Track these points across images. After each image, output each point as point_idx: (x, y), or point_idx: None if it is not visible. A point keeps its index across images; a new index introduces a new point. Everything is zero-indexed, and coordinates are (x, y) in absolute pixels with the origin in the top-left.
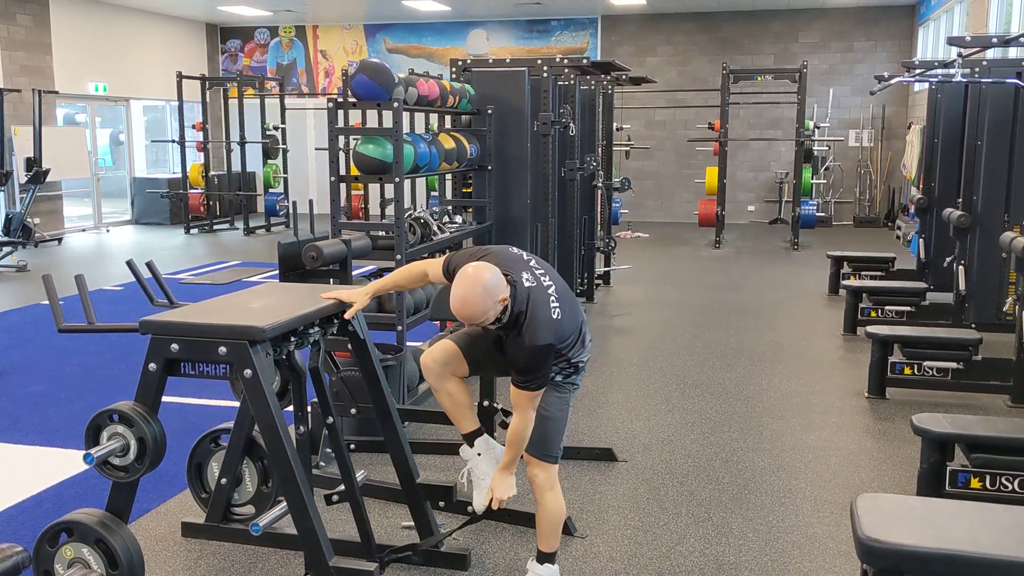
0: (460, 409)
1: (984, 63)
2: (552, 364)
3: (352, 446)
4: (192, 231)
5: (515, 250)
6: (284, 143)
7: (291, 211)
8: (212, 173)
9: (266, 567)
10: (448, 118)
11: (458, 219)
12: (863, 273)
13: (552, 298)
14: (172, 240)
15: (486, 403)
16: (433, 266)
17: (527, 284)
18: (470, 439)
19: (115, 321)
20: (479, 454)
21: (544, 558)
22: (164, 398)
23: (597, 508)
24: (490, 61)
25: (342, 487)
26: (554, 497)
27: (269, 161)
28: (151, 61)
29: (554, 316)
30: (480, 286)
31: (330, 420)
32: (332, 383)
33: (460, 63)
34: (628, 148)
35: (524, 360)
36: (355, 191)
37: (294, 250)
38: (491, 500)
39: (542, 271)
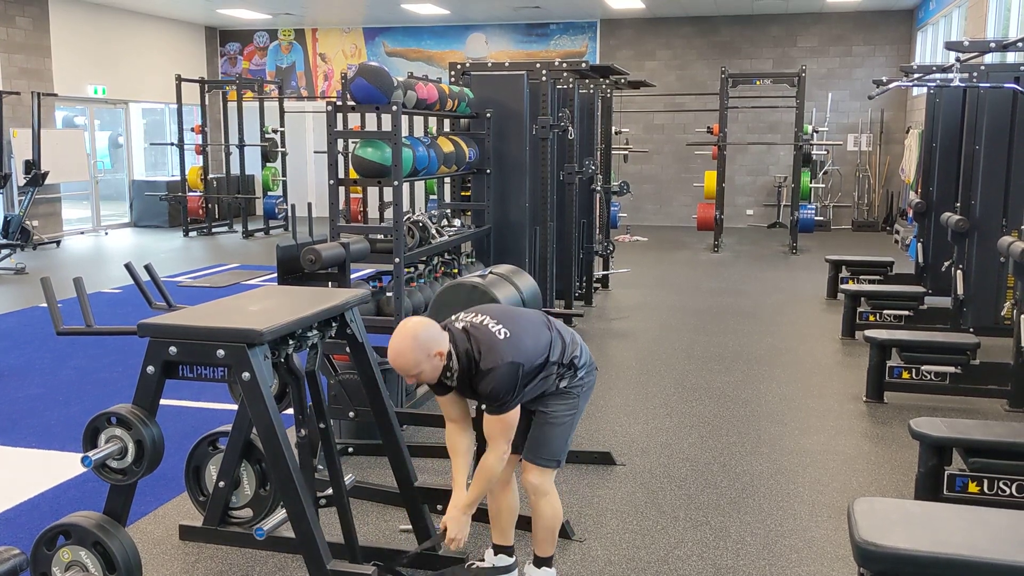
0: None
1: (982, 67)
2: (525, 385)
3: (350, 449)
4: (191, 234)
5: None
6: (283, 146)
7: (290, 214)
8: (211, 176)
9: (264, 570)
10: (447, 121)
11: (457, 222)
12: (861, 277)
13: (489, 324)
14: (171, 243)
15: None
16: (456, 413)
17: (459, 325)
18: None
19: (113, 324)
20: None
21: (541, 562)
22: (162, 401)
23: (595, 512)
24: (489, 65)
25: (329, 491)
26: (548, 503)
27: (268, 164)
28: (150, 64)
29: (501, 337)
30: (411, 338)
31: (322, 425)
32: (331, 386)
33: (459, 66)
34: (627, 152)
35: (491, 384)
36: (354, 194)
37: (293, 253)
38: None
39: (477, 312)
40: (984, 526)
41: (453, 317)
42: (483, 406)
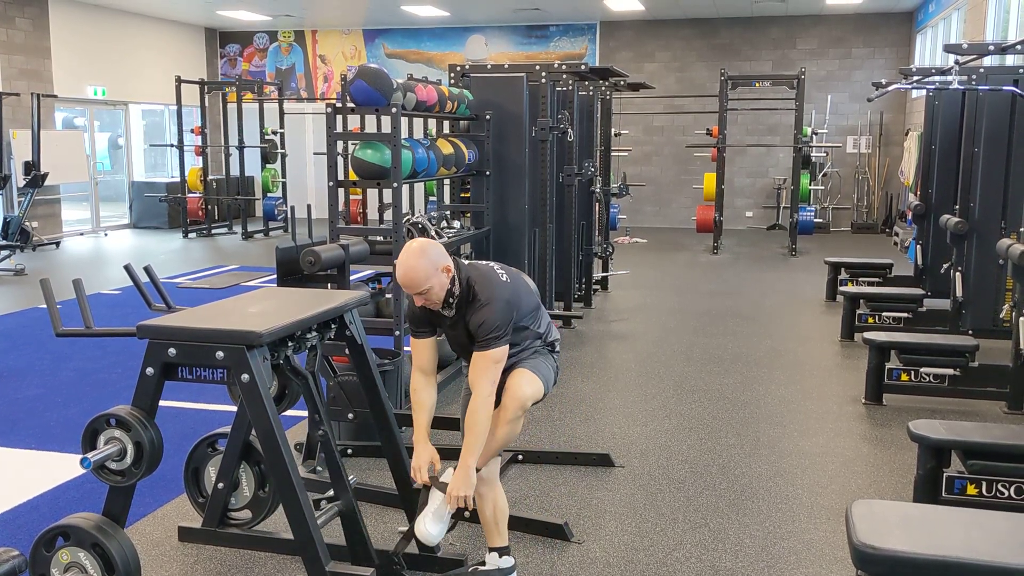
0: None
1: (981, 70)
2: (515, 325)
3: (349, 451)
4: (190, 235)
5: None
6: (283, 148)
7: (289, 216)
8: (210, 177)
9: (263, 571)
10: (446, 123)
11: (456, 224)
12: (860, 279)
13: (494, 266)
14: (170, 244)
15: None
16: (419, 355)
17: (465, 261)
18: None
19: (113, 325)
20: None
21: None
22: (161, 402)
23: (594, 514)
24: (488, 67)
25: (330, 491)
26: (511, 430)
27: (268, 165)
28: (150, 65)
29: (502, 278)
30: (420, 252)
31: (321, 431)
32: (330, 388)
33: (459, 68)
34: (626, 154)
35: (486, 315)
36: (353, 196)
37: (292, 255)
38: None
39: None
40: (983, 529)
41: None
42: (472, 345)
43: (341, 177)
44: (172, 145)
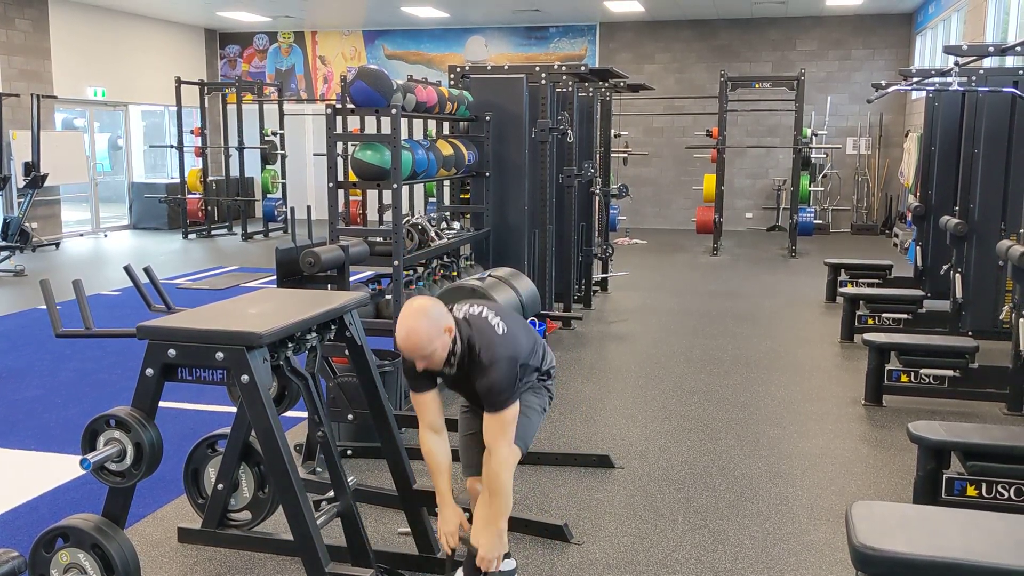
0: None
1: (981, 72)
2: (520, 379)
3: (349, 452)
4: (190, 236)
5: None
6: (282, 149)
7: (289, 217)
8: (210, 178)
9: (263, 572)
10: (446, 124)
11: (456, 225)
12: (860, 281)
13: (488, 316)
14: (170, 245)
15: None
16: (426, 413)
17: (463, 315)
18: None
19: (112, 326)
20: None
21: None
22: (161, 403)
23: (594, 515)
24: (488, 68)
25: (331, 493)
26: (508, 489)
27: (267, 167)
28: (150, 66)
29: (500, 332)
30: (422, 313)
31: (320, 432)
32: (329, 389)
33: (458, 69)
34: (626, 155)
35: (491, 378)
36: (353, 197)
37: (292, 256)
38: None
39: (475, 303)
40: (982, 530)
41: (450, 307)
42: (482, 408)
43: (341, 178)
44: (172, 146)
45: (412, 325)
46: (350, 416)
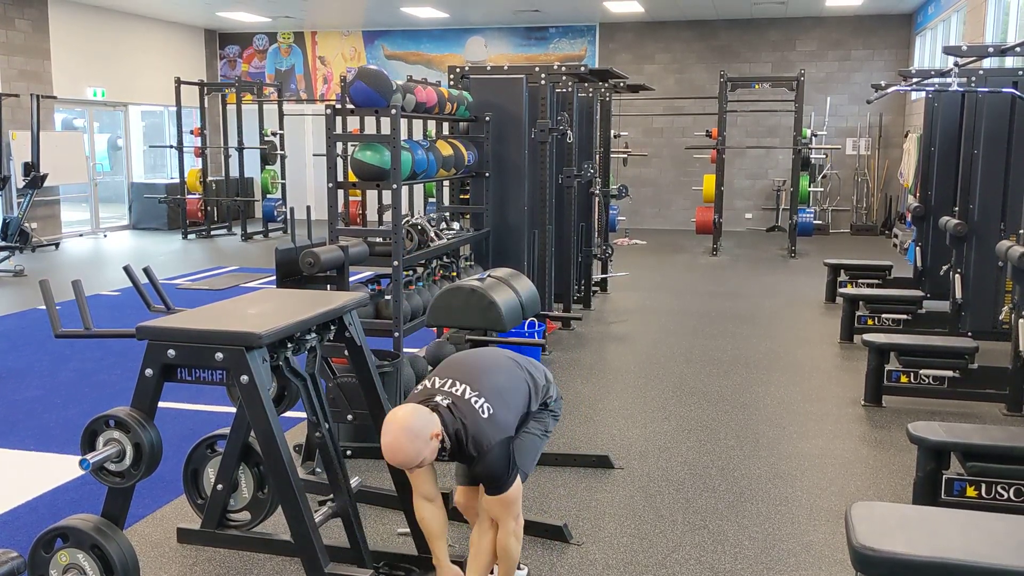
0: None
1: (980, 72)
2: (514, 457)
3: (348, 452)
4: (190, 236)
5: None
6: (282, 149)
7: (289, 217)
8: (210, 179)
9: (262, 573)
10: (446, 125)
11: (455, 225)
12: (860, 281)
13: (472, 400)
14: (169, 245)
15: None
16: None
17: (443, 402)
18: None
19: (112, 327)
20: None
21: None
22: (160, 403)
23: (593, 515)
24: (488, 68)
25: (331, 497)
26: (517, 534)
27: (267, 167)
28: (150, 66)
29: (485, 416)
30: (404, 431)
31: (318, 434)
32: (329, 389)
33: (458, 70)
34: (626, 155)
35: (485, 468)
36: (353, 197)
37: (291, 256)
38: None
39: (455, 381)
40: (982, 531)
41: (429, 385)
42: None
43: (340, 178)
44: (171, 146)
45: (395, 444)
46: (349, 416)
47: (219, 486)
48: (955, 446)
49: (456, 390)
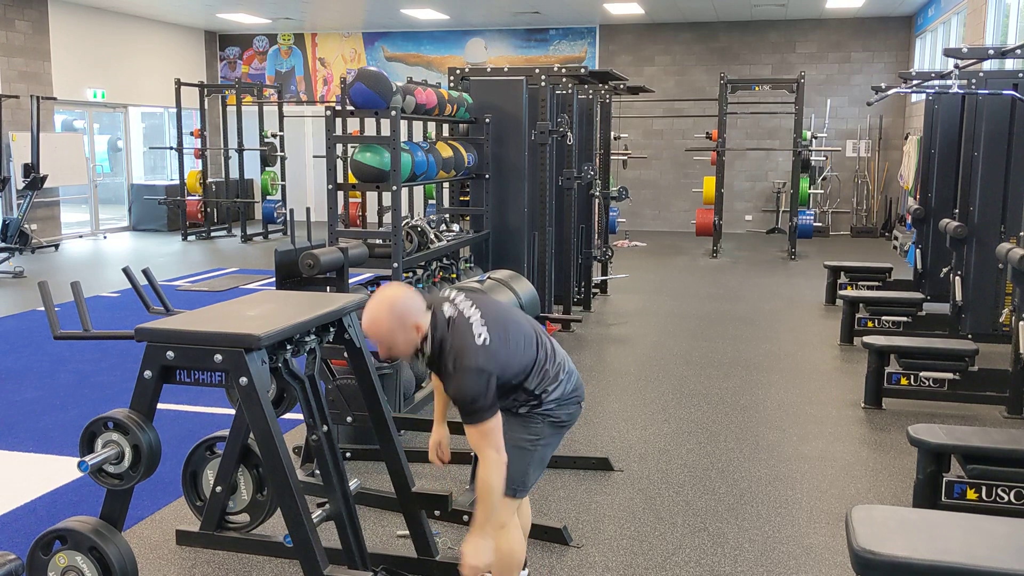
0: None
1: (980, 74)
2: (492, 393)
3: (348, 454)
4: (189, 238)
5: (464, 294)
6: (282, 151)
7: (288, 219)
8: (210, 180)
9: (260, 575)
10: (446, 126)
11: (455, 227)
12: (860, 283)
13: (476, 324)
14: (169, 247)
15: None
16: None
17: (447, 314)
18: None
19: (111, 328)
20: None
21: None
22: (159, 405)
23: (593, 518)
24: (488, 70)
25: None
26: (505, 537)
27: (267, 168)
28: (149, 68)
29: (478, 341)
30: (387, 306)
31: (314, 436)
32: (328, 391)
33: (458, 71)
34: (626, 157)
35: (455, 387)
36: (353, 199)
37: (291, 258)
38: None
39: (474, 304)
40: (982, 534)
41: (450, 294)
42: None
43: (340, 180)
44: (171, 148)
45: (376, 314)
46: (349, 418)
47: (218, 488)
48: (955, 449)
49: (467, 312)
